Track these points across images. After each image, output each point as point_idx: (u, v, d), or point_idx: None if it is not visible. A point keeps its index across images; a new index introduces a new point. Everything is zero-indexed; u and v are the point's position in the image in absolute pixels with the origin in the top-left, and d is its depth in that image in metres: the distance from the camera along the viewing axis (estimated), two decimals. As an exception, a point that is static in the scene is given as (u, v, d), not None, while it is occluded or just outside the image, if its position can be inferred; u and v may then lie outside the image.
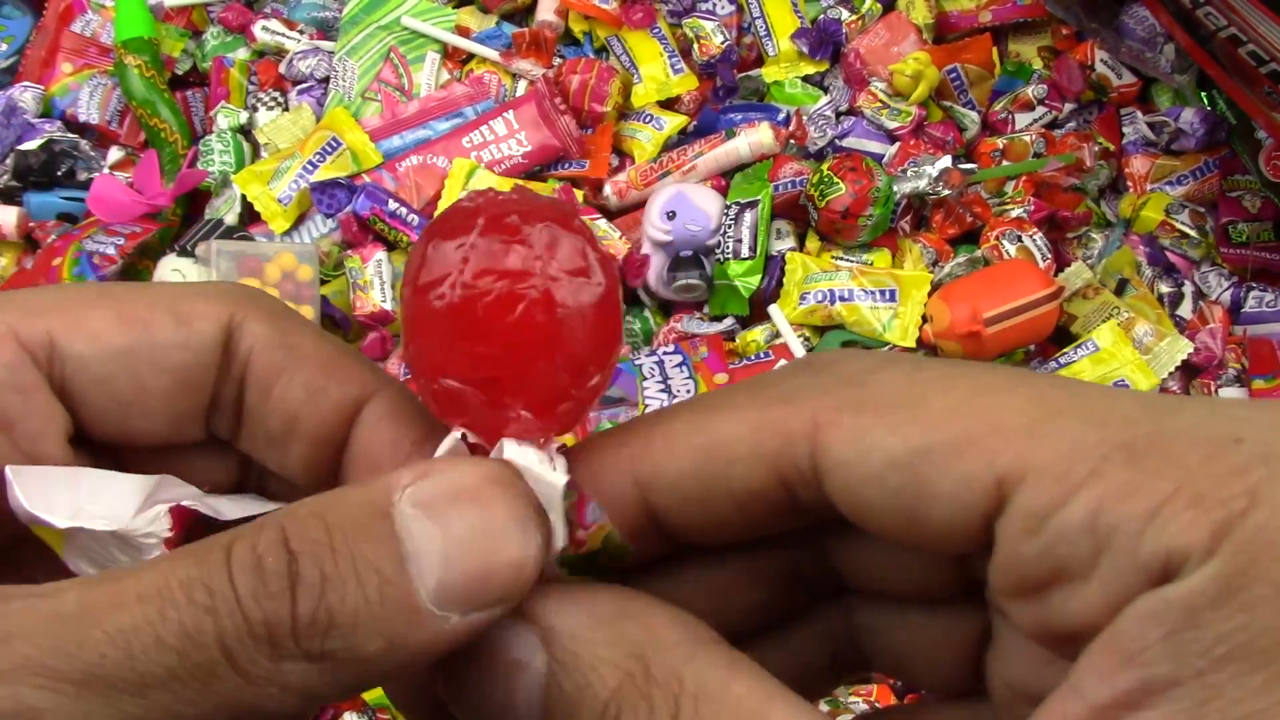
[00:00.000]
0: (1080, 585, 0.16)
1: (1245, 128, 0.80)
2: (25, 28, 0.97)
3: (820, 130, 0.85)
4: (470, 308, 0.18)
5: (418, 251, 0.18)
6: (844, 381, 0.18)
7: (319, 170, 0.83)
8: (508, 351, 0.18)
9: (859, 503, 0.18)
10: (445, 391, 0.18)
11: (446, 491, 0.16)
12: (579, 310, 0.18)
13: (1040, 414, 0.16)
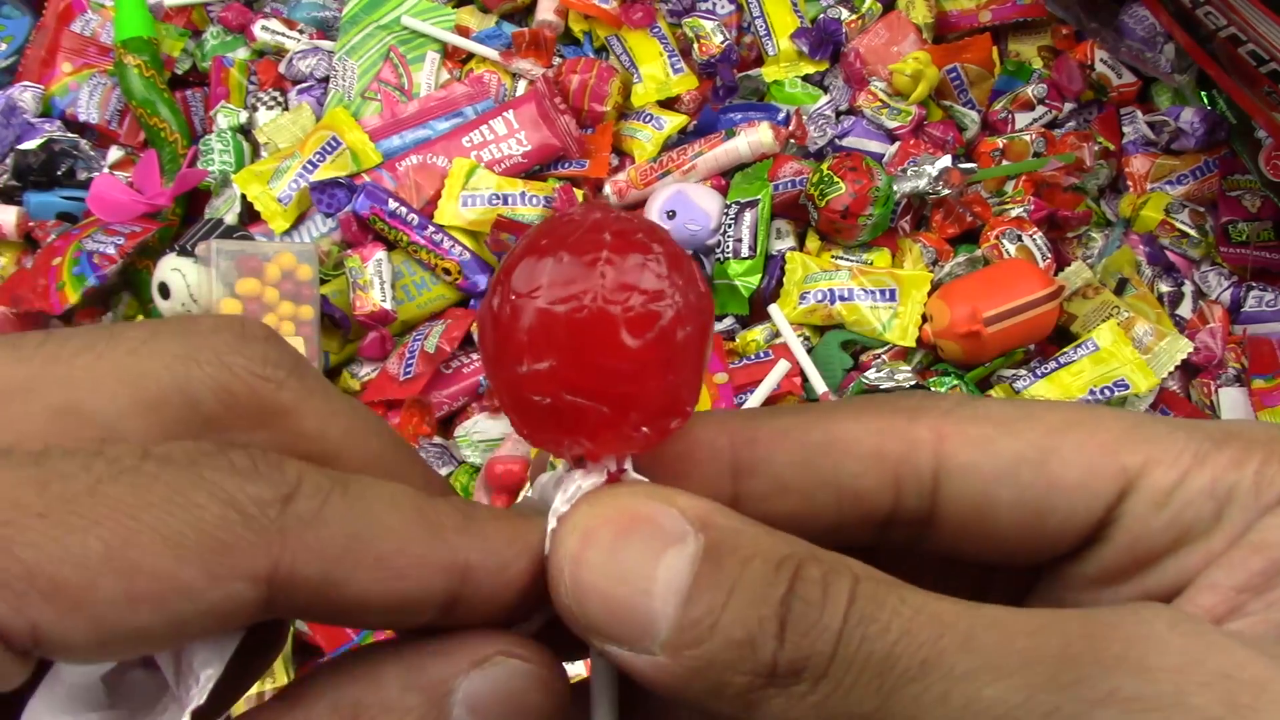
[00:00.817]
0: (1203, 542, 0.18)
1: (1245, 127, 0.80)
2: (25, 27, 0.97)
3: (820, 130, 0.85)
4: (609, 323, 0.18)
5: (532, 261, 0.18)
6: (957, 403, 0.20)
7: (319, 170, 0.83)
8: (640, 369, 0.18)
9: (983, 501, 0.19)
10: (568, 406, 0.18)
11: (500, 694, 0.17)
12: (699, 331, 0.19)
13: (1134, 423, 0.19)
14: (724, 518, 0.17)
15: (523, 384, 0.18)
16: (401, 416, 0.72)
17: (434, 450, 0.75)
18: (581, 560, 0.17)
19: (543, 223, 0.19)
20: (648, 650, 0.16)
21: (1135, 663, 0.15)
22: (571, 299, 0.18)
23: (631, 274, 0.18)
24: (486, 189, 0.80)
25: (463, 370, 0.77)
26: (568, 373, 0.18)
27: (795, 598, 0.16)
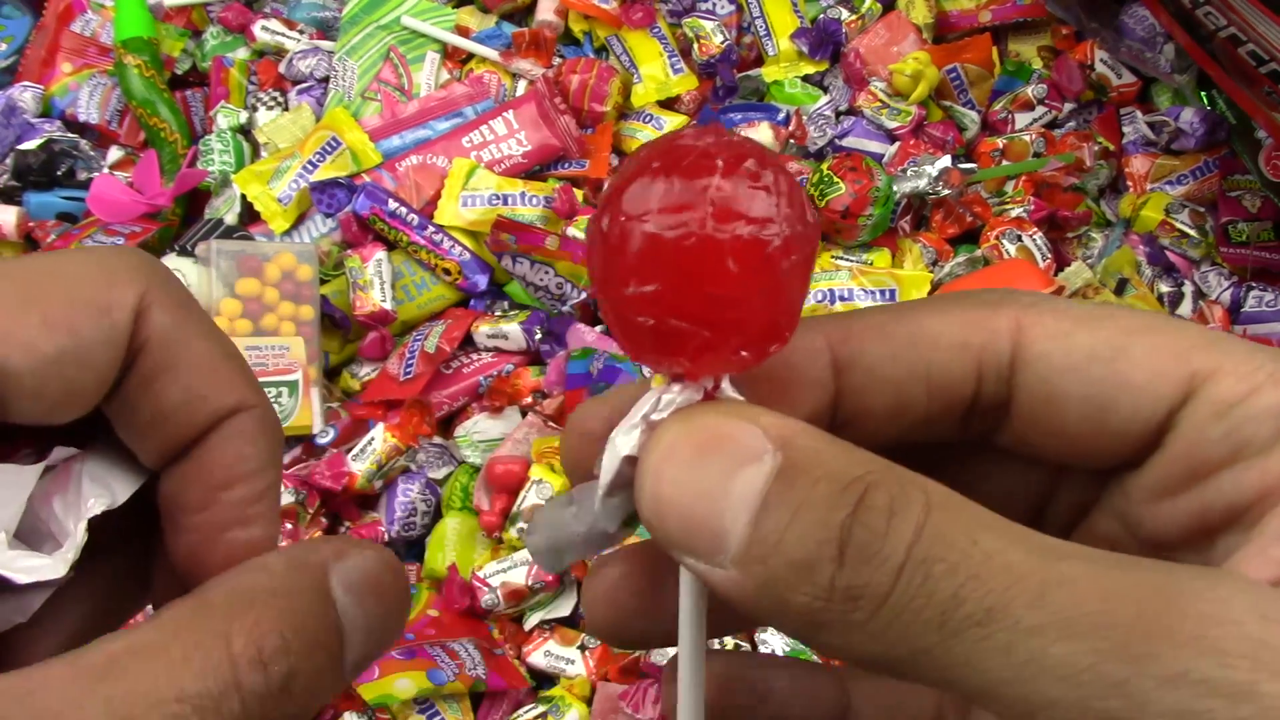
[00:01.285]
0: (1259, 459, 0.18)
1: (1245, 127, 0.80)
2: (25, 27, 0.97)
3: (820, 130, 0.85)
4: (716, 250, 0.18)
5: (644, 183, 0.18)
6: (1038, 299, 0.21)
7: (319, 170, 0.83)
8: (745, 296, 0.18)
9: (1053, 393, 0.20)
10: (670, 330, 0.18)
11: (365, 574, 0.19)
12: (804, 260, 0.19)
13: (1211, 338, 0.20)
14: (806, 438, 0.17)
15: (628, 305, 0.18)
16: (401, 416, 0.72)
17: (434, 450, 0.75)
18: (661, 474, 0.18)
19: (655, 143, 0.19)
20: (720, 564, 0.17)
21: (1210, 645, 0.15)
22: (680, 225, 0.18)
23: (741, 201, 0.18)
24: (486, 189, 0.80)
25: (463, 370, 0.77)
26: (672, 297, 0.18)
27: (857, 523, 0.16)
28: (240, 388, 0.21)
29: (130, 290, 0.19)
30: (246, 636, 0.17)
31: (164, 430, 0.20)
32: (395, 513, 0.72)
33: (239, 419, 0.21)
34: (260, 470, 0.21)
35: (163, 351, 0.20)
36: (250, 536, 0.20)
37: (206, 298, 0.72)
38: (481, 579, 0.65)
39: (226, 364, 0.21)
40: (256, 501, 0.20)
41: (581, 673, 0.65)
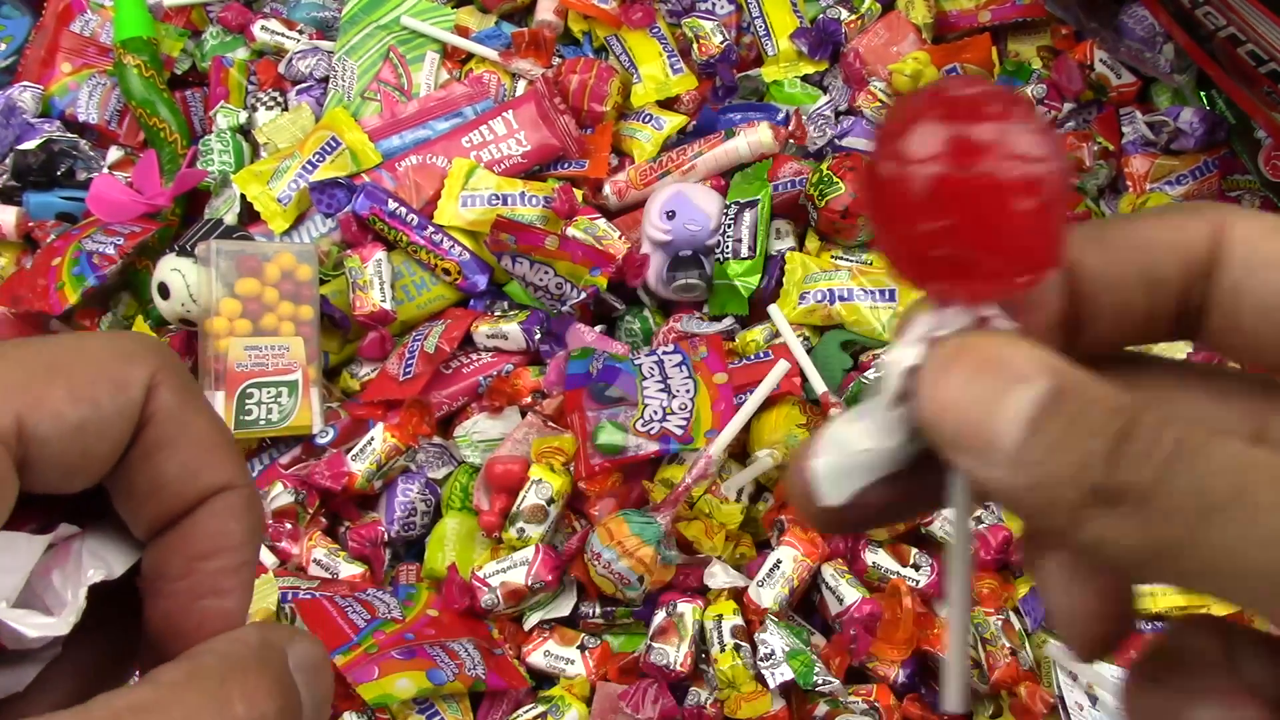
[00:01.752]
0: None
1: (1244, 127, 0.80)
2: (24, 27, 0.97)
3: (820, 130, 0.85)
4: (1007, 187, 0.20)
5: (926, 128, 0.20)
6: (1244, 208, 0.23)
7: (318, 170, 0.83)
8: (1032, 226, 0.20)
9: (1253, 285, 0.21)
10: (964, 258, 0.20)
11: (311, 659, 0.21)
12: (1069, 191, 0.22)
13: None
14: (1075, 371, 0.19)
15: (920, 240, 0.21)
16: (401, 416, 0.72)
17: (434, 450, 0.75)
18: (942, 382, 0.20)
19: (924, 92, 0.21)
20: (992, 463, 0.19)
21: None
22: (969, 164, 0.20)
23: (1022, 140, 0.20)
24: (486, 189, 0.80)
25: (463, 370, 0.77)
26: (966, 231, 0.20)
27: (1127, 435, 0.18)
28: (230, 468, 0.23)
29: (144, 368, 0.22)
30: (245, 701, 0.19)
31: (158, 500, 0.22)
32: (395, 513, 0.72)
33: (225, 496, 0.22)
34: (240, 546, 0.22)
35: (167, 426, 0.22)
36: (224, 606, 0.22)
37: (206, 298, 0.72)
38: (481, 579, 0.65)
39: (221, 444, 0.23)
40: (233, 574, 0.22)
41: (581, 672, 0.65)
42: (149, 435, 0.22)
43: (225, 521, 0.22)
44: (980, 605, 0.64)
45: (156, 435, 0.22)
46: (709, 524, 0.67)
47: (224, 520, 0.22)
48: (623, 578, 0.63)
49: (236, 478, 0.23)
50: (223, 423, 0.23)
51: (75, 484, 0.21)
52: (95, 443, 0.21)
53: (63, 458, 0.20)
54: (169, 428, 0.22)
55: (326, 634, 0.62)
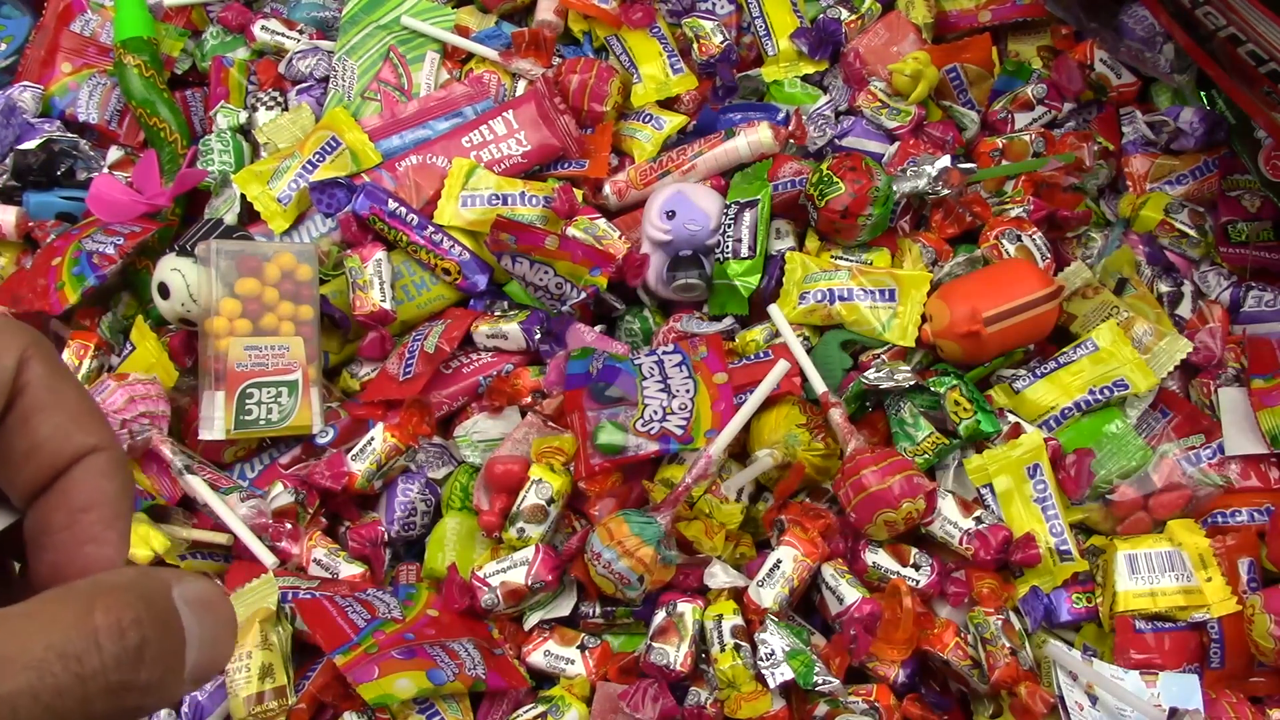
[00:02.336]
0: None
1: (1244, 127, 0.80)
2: (25, 27, 0.97)
3: (820, 130, 0.85)
4: None
5: None
6: None
7: (318, 170, 0.83)
8: None
9: None
10: None
11: (201, 593, 0.22)
12: None
13: None
14: None
15: None
16: (401, 416, 0.72)
17: (434, 450, 0.75)
18: None
19: None
20: None
21: None
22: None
23: None
24: (486, 189, 0.80)
25: (463, 370, 0.77)
26: None
27: None
28: (100, 431, 0.25)
29: (15, 344, 0.24)
30: (106, 610, 0.20)
31: (35, 461, 0.24)
32: (395, 512, 0.72)
33: (97, 457, 0.25)
34: (114, 500, 0.24)
35: (39, 394, 0.24)
36: (104, 554, 0.24)
37: (206, 297, 0.72)
38: (481, 579, 0.65)
39: (90, 410, 0.25)
40: (110, 525, 0.24)
41: (581, 672, 0.65)
42: (23, 402, 0.24)
43: (98, 478, 0.24)
44: (980, 605, 0.64)
45: (30, 402, 0.24)
46: (709, 524, 0.67)
47: (97, 477, 0.24)
48: (623, 578, 0.63)
49: (105, 440, 0.25)
50: (88, 393, 0.26)
51: None
52: None
53: None
54: (41, 395, 0.24)
55: (326, 634, 0.62)
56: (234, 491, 0.73)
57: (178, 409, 0.76)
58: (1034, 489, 0.68)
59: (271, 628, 0.64)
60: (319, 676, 0.64)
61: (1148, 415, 0.72)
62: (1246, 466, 0.68)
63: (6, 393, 0.24)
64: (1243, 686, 0.63)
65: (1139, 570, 0.64)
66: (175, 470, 0.72)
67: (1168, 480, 0.67)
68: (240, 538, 0.71)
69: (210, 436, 0.71)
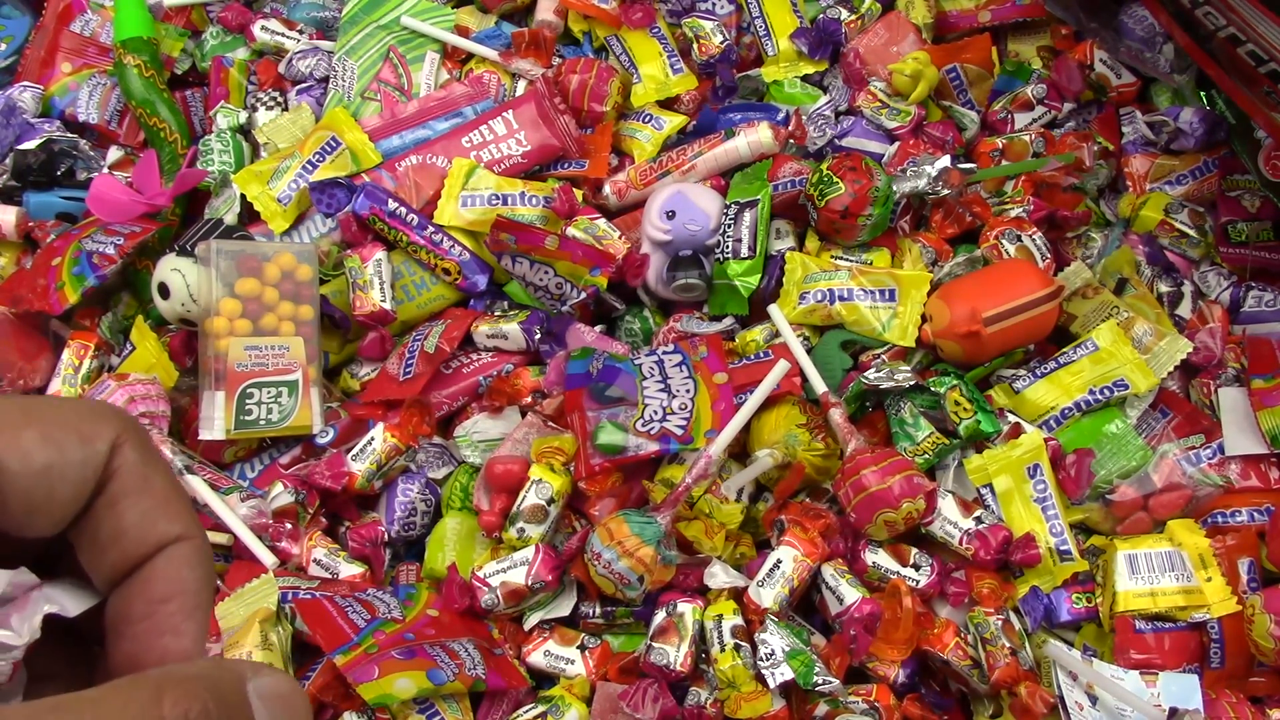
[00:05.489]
0: None
1: (1244, 127, 0.80)
2: (24, 27, 0.97)
3: (820, 130, 0.85)
4: None
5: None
6: None
7: (318, 170, 0.83)
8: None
9: None
10: None
11: (277, 689, 0.22)
12: None
13: None
14: None
15: None
16: (401, 416, 0.72)
17: (434, 450, 0.75)
18: None
19: None
20: None
21: None
22: None
23: None
24: (486, 189, 0.80)
25: (463, 370, 0.77)
26: None
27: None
28: (186, 521, 0.25)
29: (110, 428, 0.24)
30: (174, 701, 0.20)
31: (120, 547, 0.24)
32: (395, 512, 0.72)
33: (181, 546, 0.25)
34: (195, 591, 0.25)
35: (129, 480, 0.24)
36: (180, 645, 0.24)
37: (206, 297, 0.72)
38: (481, 579, 0.65)
39: (178, 499, 0.25)
40: (189, 616, 0.24)
41: (581, 672, 0.65)
42: (113, 487, 0.24)
43: (180, 569, 0.24)
44: (980, 605, 0.64)
45: (119, 487, 0.24)
46: (709, 524, 0.67)
47: (179, 567, 0.24)
48: (623, 578, 0.63)
49: (191, 529, 0.25)
50: (179, 481, 0.26)
51: (39, 524, 0.23)
52: (60, 485, 0.23)
53: (29, 495, 0.23)
54: (131, 481, 0.24)
55: (326, 634, 0.62)
56: (234, 491, 0.73)
57: (178, 409, 0.76)
58: (1034, 489, 0.68)
59: (271, 628, 0.64)
60: (319, 676, 0.64)
61: (1148, 415, 0.72)
62: (1246, 466, 0.68)
63: (98, 477, 0.24)
64: (1243, 686, 0.63)
65: (1139, 570, 0.64)
66: (175, 470, 0.72)
67: (1168, 480, 0.67)
68: (240, 538, 0.71)
69: (210, 436, 0.71)
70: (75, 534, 0.25)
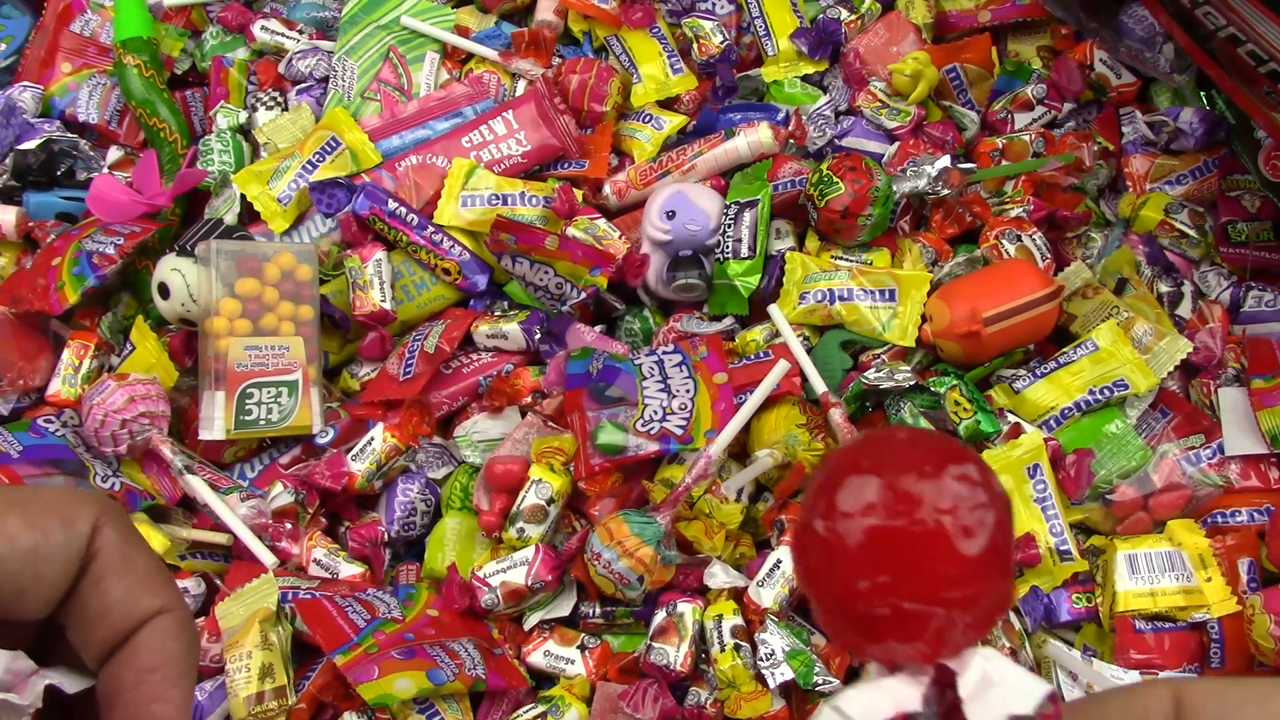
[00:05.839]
0: None
1: (1244, 127, 0.80)
2: (24, 27, 0.97)
3: (819, 130, 0.85)
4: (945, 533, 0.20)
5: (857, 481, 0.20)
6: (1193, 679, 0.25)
7: (318, 170, 0.83)
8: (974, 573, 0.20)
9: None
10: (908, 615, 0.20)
11: None
12: (1010, 538, 0.21)
13: None
14: None
15: (861, 599, 0.20)
16: (401, 416, 0.72)
17: (434, 450, 0.75)
18: None
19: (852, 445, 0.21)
20: None
21: None
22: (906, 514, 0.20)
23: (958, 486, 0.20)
24: (486, 189, 0.80)
25: (462, 370, 0.77)
26: (908, 583, 0.20)
27: None
28: (167, 593, 0.27)
29: (90, 511, 0.26)
30: None
31: (107, 622, 0.26)
32: (395, 512, 0.72)
33: (164, 618, 0.26)
34: (179, 659, 0.26)
35: (111, 559, 0.26)
36: (167, 712, 0.26)
37: (206, 297, 0.72)
38: (481, 579, 0.65)
39: (158, 573, 0.27)
40: (174, 684, 0.26)
41: (581, 672, 0.65)
42: (96, 567, 0.26)
43: (165, 640, 0.26)
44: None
45: (102, 566, 0.26)
46: (709, 524, 0.67)
47: (164, 639, 0.26)
48: (623, 578, 0.63)
49: (172, 602, 0.27)
50: (159, 557, 0.28)
51: (29, 606, 0.25)
52: (46, 567, 0.25)
53: (17, 577, 0.25)
54: (113, 560, 0.26)
55: (326, 634, 0.62)
56: (234, 491, 0.73)
57: (178, 409, 0.76)
58: (1034, 489, 0.68)
59: (271, 628, 0.64)
60: (319, 676, 0.64)
61: (1148, 415, 0.72)
62: (1246, 466, 0.68)
63: (81, 558, 0.26)
64: (1243, 686, 0.63)
65: (1139, 570, 0.64)
66: (175, 470, 0.72)
67: (1168, 480, 0.67)
68: (240, 538, 0.71)
69: (210, 436, 0.71)
70: (64, 614, 0.26)
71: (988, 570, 0.20)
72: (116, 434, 0.71)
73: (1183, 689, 0.23)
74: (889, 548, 0.20)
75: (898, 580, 0.20)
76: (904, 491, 0.20)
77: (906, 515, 0.19)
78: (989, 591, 0.20)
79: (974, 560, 0.20)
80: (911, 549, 0.19)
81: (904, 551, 0.20)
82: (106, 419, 0.71)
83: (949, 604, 0.20)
